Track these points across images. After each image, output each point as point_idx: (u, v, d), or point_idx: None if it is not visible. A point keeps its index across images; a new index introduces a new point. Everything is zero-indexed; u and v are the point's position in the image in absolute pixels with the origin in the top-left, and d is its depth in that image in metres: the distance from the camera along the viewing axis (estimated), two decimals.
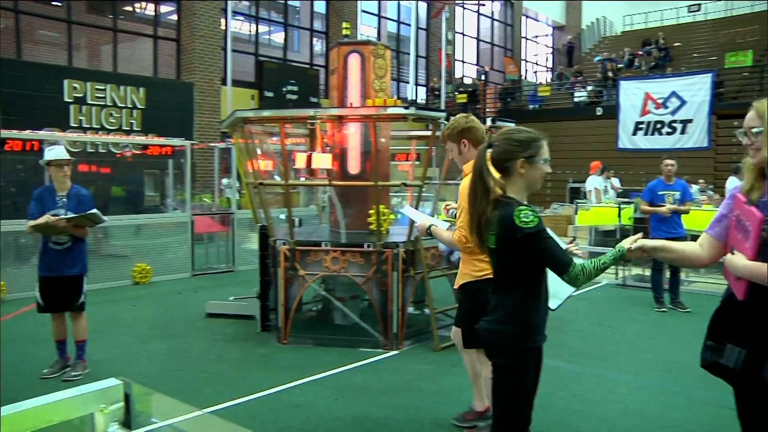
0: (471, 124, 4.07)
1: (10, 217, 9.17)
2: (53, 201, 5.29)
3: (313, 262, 6.28)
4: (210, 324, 7.27)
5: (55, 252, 5.30)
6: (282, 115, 6.37)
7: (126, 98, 16.05)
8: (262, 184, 6.57)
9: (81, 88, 15.28)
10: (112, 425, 1.53)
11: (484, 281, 3.91)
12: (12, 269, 8.71)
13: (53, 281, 5.33)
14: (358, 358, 5.90)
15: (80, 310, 5.44)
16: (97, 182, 13.28)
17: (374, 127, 6.09)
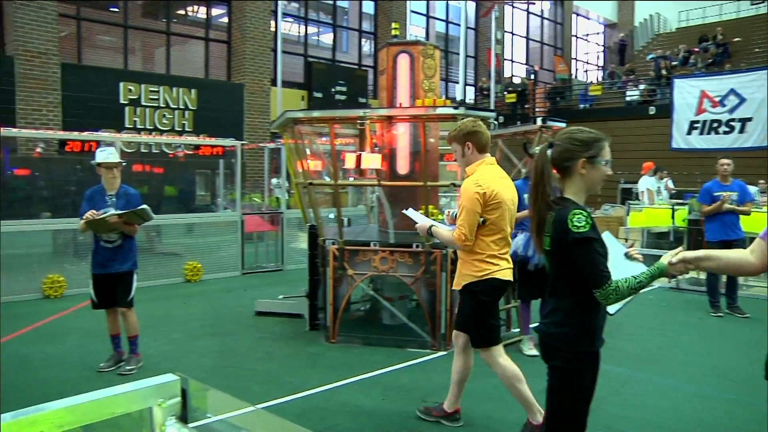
0: (477, 128, 4.12)
1: (69, 215, 9.46)
2: (103, 200, 5.47)
3: (361, 262, 6.31)
4: (259, 322, 7.37)
5: (107, 250, 5.46)
6: (332, 116, 6.41)
7: (178, 100, 16.41)
8: (312, 183, 6.63)
9: (136, 91, 15.69)
10: (170, 419, 1.56)
11: (485, 281, 4.01)
12: (70, 266, 9.00)
13: (105, 278, 5.50)
14: (405, 358, 5.91)
15: (129, 306, 5.58)
16: (151, 182, 13.61)
17: (423, 127, 6.08)
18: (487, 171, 4.09)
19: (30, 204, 11.50)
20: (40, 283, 8.58)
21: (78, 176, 11.55)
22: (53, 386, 5.14)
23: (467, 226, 3.97)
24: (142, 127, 15.74)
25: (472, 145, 4.12)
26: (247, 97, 17.87)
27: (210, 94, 17.03)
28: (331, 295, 6.41)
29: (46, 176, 12.27)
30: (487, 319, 4.12)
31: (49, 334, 6.74)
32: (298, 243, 11.40)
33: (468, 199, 3.95)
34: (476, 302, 4.08)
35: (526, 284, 6.09)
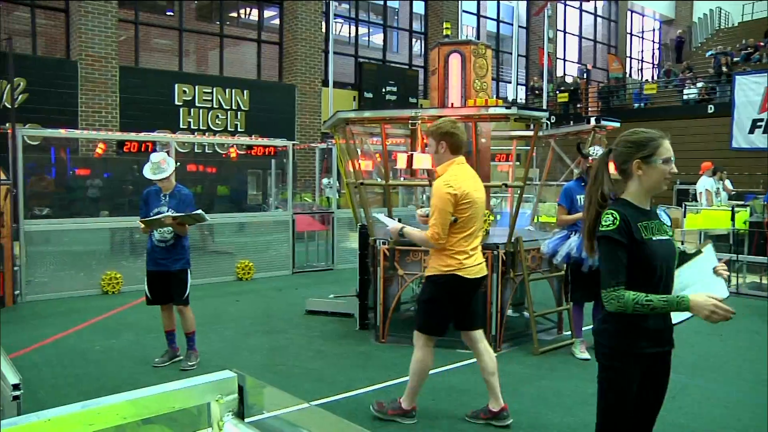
0: (454, 130, 4.24)
1: (126, 214, 9.74)
2: (157, 200, 5.64)
3: (412, 262, 6.31)
4: (309, 321, 7.44)
5: (160, 248, 5.62)
6: (383, 116, 6.43)
7: (231, 101, 16.70)
8: (363, 183, 6.66)
9: (190, 92, 16.03)
10: (227, 415, 1.60)
11: (448, 275, 4.19)
12: (127, 263, 9.26)
13: (159, 275, 5.65)
14: (455, 359, 5.89)
15: (186, 304, 5.71)
16: (204, 181, 13.91)
17: (475, 127, 6.05)
18: (458, 171, 4.23)
19: (90, 203, 11.88)
20: (99, 279, 8.84)
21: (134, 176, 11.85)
22: (110, 380, 5.30)
23: (440, 226, 4.10)
24: (196, 127, 16.08)
25: (446, 144, 4.24)
26: (299, 98, 18.08)
27: (262, 95, 17.29)
28: (381, 294, 6.43)
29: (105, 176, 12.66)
30: (438, 310, 4.31)
31: (107, 329, 6.96)
32: (348, 242, 11.48)
33: (440, 199, 4.10)
34: (434, 292, 4.28)
35: (579, 286, 6.00)
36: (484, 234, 4.43)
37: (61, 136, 11.00)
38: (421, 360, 4.39)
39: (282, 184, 13.52)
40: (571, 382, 5.29)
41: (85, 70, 14.37)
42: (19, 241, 8.23)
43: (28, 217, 8.66)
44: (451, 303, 4.32)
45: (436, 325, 4.36)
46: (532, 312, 6.31)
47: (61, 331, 6.83)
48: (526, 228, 7.84)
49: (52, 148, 12.64)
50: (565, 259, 5.97)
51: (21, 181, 8.23)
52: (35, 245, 8.54)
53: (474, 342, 4.48)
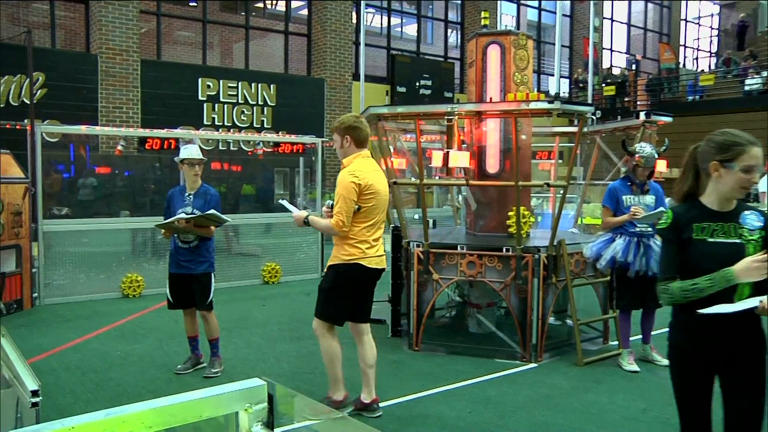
0: (357, 124, 4.66)
1: (147, 214, 9.90)
2: (182, 200, 5.68)
3: (447, 266, 6.31)
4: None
5: (183, 250, 5.65)
6: (417, 111, 6.42)
7: (257, 95, 16.86)
8: (396, 183, 6.67)
9: (214, 87, 16.22)
10: (256, 425, 1.61)
11: (350, 264, 4.54)
12: (149, 265, 9.42)
13: (182, 278, 5.69)
14: (493, 369, 5.87)
15: (209, 309, 5.74)
16: (229, 180, 14.06)
17: (515, 123, 6.02)
18: (363, 163, 4.63)
19: (110, 202, 12.10)
20: (119, 282, 9.00)
21: (156, 174, 12.05)
22: (132, 386, 5.39)
23: (344, 213, 4.46)
24: (220, 123, 16.27)
25: (350, 139, 4.64)
26: (328, 93, 18.17)
27: (290, 89, 17.42)
28: (414, 300, 6.43)
29: (126, 174, 12.88)
30: (338, 298, 4.67)
31: (128, 334, 7.07)
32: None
33: (344, 187, 4.48)
34: (336, 280, 4.64)
35: (625, 293, 5.92)
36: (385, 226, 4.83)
37: (80, 133, 11.22)
38: (327, 349, 4.77)
39: (310, 183, 13.60)
40: (618, 397, 5.23)
41: (106, 63, 14.64)
42: (37, 242, 8.41)
43: (47, 217, 8.85)
44: (351, 292, 4.68)
45: (335, 313, 4.72)
46: (576, 320, 6.26)
47: (81, 335, 6.96)
48: (569, 230, 7.78)
49: (71, 145, 12.91)
50: (610, 263, 5.91)
51: (39, 180, 8.41)
52: (54, 246, 8.73)
53: (360, 334, 4.83)
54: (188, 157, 5.64)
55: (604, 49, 27.43)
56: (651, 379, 5.67)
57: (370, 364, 4.81)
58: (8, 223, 7.76)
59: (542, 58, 24.87)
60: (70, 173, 13.39)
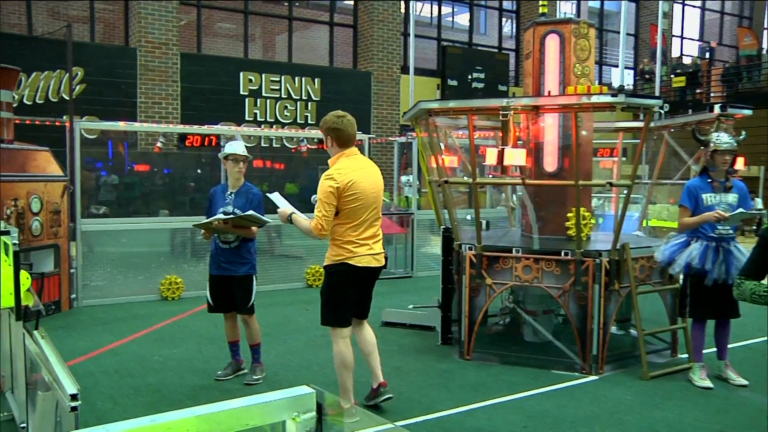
0: (338, 125, 4.87)
1: (187, 213, 10.09)
2: (223, 199, 5.76)
3: (501, 270, 6.28)
4: (386, 333, 7.49)
5: (224, 251, 5.73)
6: (470, 106, 6.41)
7: (301, 90, 17.03)
8: (447, 182, 6.67)
9: (256, 81, 16.44)
10: None
11: (339, 264, 4.84)
12: (188, 267, 9.60)
13: (222, 280, 5.76)
14: (550, 381, 5.82)
15: (250, 313, 5.81)
16: (271, 178, 14.23)
17: (575, 119, 5.96)
18: (345, 163, 4.85)
19: (149, 201, 12.36)
20: (158, 284, 9.19)
21: (197, 172, 12.28)
22: (171, 392, 5.51)
23: (323, 217, 4.71)
24: (262, 119, 16.48)
25: (332, 140, 4.89)
26: (375, 86, 18.24)
27: (335, 83, 17.54)
28: (466, 306, 6.42)
29: (165, 172, 13.14)
30: (336, 300, 4.92)
31: (167, 337, 7.23)
32: (430, 247, 11.52)
33: (323, 192, 4.72)
34: (329, 283, 4.96)
35: (700, 302, 5.74)
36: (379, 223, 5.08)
37: (119, 129, 11.48)
38: (337, 354, 4.95)
39: None
40: (688, 415, 5.12)
41: (145, 57, 14.97)
42: (75, 242, 8.65)
43: (85, 216, 9.09)
44: (346, 292, 4.91)
45: (338, 315, 4.94)
46: (641, 330, 6.16)
47: (119, 338, 7.14)
48: (633, 233, 7.68)
49: (109, 142, 13.23)
50: (685, 269, 5.78)
51: (78, 178, 8.65)
52: (92, 246, 8.97)
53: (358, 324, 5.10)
54: (233, 153, 5.72)
55: (673, 36, 26.83)
56: (727, 397, 5.52)
57: (370, 350, 5.10)
58: (47, 222, 8.01)
59: (605, 48, 24.51)
60: (108, 171, 13.73)
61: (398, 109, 18.21)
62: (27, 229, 7.67)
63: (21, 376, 4.14)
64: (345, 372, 4.96)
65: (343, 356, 4.93)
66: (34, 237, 7.81)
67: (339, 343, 4.94)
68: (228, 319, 5.93)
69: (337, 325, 4.95)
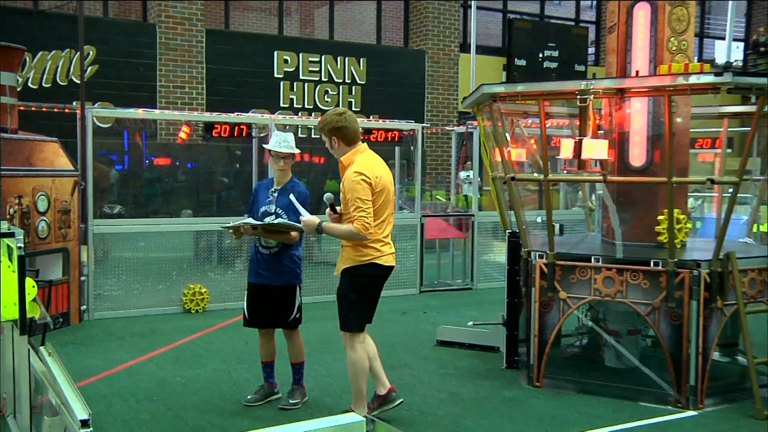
0: (342, 123, 5.20)
1: (214, 213, 10.22)
2: (265, 196, 5.83)
3: (578, 282, 6.22)
4: (441, 354, 7.50)
5: (264, 257, 5.78)
6: (542, 90, 6.35)
7: (344, 72, 17.12)
8: (514, 178, 6.63)
9: (293, 61, 16.57)
10: None
11: (367, 266, 5.20)
12: (215, 275, 9.71)
13: (260, 290, 5.82)
14: (637, 415, 5.75)
15: (293, 327, 5.87)
16: (309, 174, 14.30)
17: (668, 103, 5.88)
18: (365, 159, 5.24)
19: (170, 199, 12.54)
20: (180, 294, 9.31)
21: (225, 167, 12.41)
22: (194, 418, 5.58)
23: (367, 216, 5.03)
24: (299, 106, 16.61)
25: (338, 139, 5.23)
26: (430, 68, 18.24)
27: (383, 64, 17.59)
28: (536, 324, 6.38)
29: (188, 166, 13.31)
30: (363, 304, 5.29)
31: (190, 356, 7.32)
32: (493, 255, 11.47)
33: (355, 190, 5.05)
34: (354, 285, 5.26)
35: None
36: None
37: (137, 117, 11.67)
38: (355, 361, 5.30)
39: (408, 178, 13.68)
40: None
41: (165, 35, 15.21)
42: (87, 246, 8.80)
43: (98, 216, 9.25)
44: (372, 295, 5.34)
45: (361, 319, 5.32)
46: (752, 357, 6.02)
47: (135, 356, 7.26)
48: (741, 240, 7.53)
49: (125, 131, 13.46)
50: None
51: (91, 173, 8.79)
52: (106, 251, 9.12)
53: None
54: (272, 149, 5.77)
55: None
56: None
57: (374, 354, 5.47)
58: (55, 223, 8.18)
59: (707, 17, 24.05)
60: (123, 165, 13.95)
61: (456, 93, 18.17)
62: (33, 231, 7.82)
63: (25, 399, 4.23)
64: (363, 378, 5.32)
65: (363, 362, 5.30)
66: (40, 240, 7.98)
67: (358, 349, 5.30)
68: (263, 336, 5.97)
69: (359, 330, 5.33)
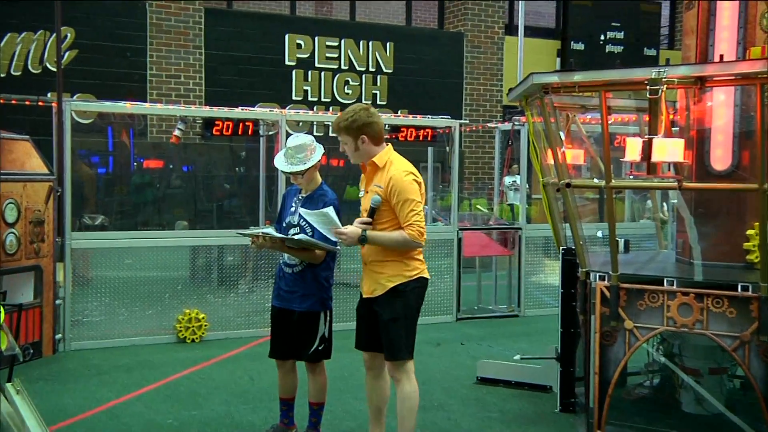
0: (372, 118, 5.40)
1: (214, 225, 10.20)
2: (291, 204, 5.88)
3: (647, 310, 6.13)
4: (482, 393, 7.46)
5: (286, 276, 5.84)
6: (604, 79, 6.29)
7: (367, 58, 17.13)
8: (570, 185, 6.57)
9: (307, 46, 16.60)
10: None
11: (416, 280, 5.39)
12: (215, 298, 9.69)
13: (281, 315, 5.88)
14: None
15: (315, 360, 5.90)
16: (327, 179, 14.25)
17: (761, 94, 5.80)
18: (402, 159, 5.52)
19: (162, 209, 12.55)
20: (174, 320, 9.31)
21: (228, 171, 12.40)
22: None
23: (422, 219, 5.25)
24: (315, 98, 16.62)
25: (367, 138, 5.37)
26: (470, 53, 18.22)
27: (413, 49, 17.58)
28: (596, 359, 6.30)
29: (184, 170, 13.32)
30: (413, 325, 5.47)
31: (185, 394, 7.31)
32: (544, 276, 11.43)
33: (411, 190, 5.26)
34: (406, 305, 5.38)
35: None
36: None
37: (123, 112, 11.67)
38: (411, 394, 5.45)
39: (443, 184, 13.63)
40: None
41: (157, 14, 15.30)
42: (63, 263, 8.81)
43: (77, 229, 9.25)
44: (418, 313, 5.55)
45: (412, 345, 5.50)
46: None
47: (120, 394, 7.25)
48: None
49: (109, 128, 13.49)
50: None
51: (69, 177, 8.80)
52: (86, 269, 9.11)
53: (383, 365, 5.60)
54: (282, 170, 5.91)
55: None
56: None
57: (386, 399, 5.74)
58: (25, 236, 8.20)
59: None
60: (107, 168, 13.98)
61: (501, 83, 18.15)
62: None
63: None
64: (415, 416, 5.51)
65: (417, 396, 5.51)
66: (8, 256, 8.00)
67: (413, 379, 5.48)
68: (281, 368, 6.01)
69: (411, 357, 5.48)
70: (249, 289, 9.77)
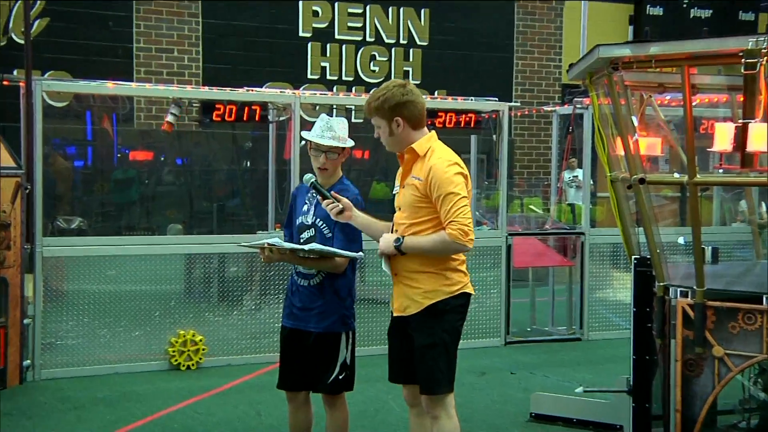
0: (409, 97, 5.32)
1: (213, 230, 10.20)
2: (303, 202, 5.87)
3: (742, 334, 6.09)
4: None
5: (300, 289, 5.79)
6: (689, 51, 6.27)
7: (397, 29, 17.15)
8: (645, 181, 6.53)
9: (325, 14, 16.63)
10: None
11: (458, 296, 5.29)
12: (214, 316, 9.69)
13: (293, 337, 5.82)
14: None
15: (334, 392, 5.83)
16: (349, 173, 14.30)
17: None
18: (446, 147, 5.41)
19: (152, 209, 12.60)
20: (165, 343, 9.33)
21: (229, 164, 12.43)
22: None
23: (468, 218, 5.09)
24: (334, 77, 16.66)
25: (402, 120, 5.30)
26: (521, 22, 18.23)
27: (452, 17, 17.58)
28: (678, 393, 6.27)
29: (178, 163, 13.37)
30: (454, 351, 5.35)
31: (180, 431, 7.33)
32: (611, 291, 11.39)
33: (455, 182, 5.13)
34: (446, 327, 5.29)
35: None
36: None
37: (105, 93, 11.72)
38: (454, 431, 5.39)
39: (489, 180, 13.61)
40: None
41: None
42: (33, 274, 8.82)
43: (49, 234, 9.26)
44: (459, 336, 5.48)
45: (454, 375, 5.42)
46: None
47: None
48: None
49: (87, 113, 13.54)
50: None
51: (40, 171, 8.81)
52: (60, 281, 9.13)
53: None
54: (311, 140, 5.76)
55: None
56: None
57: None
58: None
59: None
60: (85, 160, 14.03)
61: (560, 59, 18.13)
62: None
63: None
64: None
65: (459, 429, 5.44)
66: None
67: (454, 416, 5.42)
68: (293, 401, 5.95)
69: (452, 389, 5.40)
70: (255, 306, 9.74)
